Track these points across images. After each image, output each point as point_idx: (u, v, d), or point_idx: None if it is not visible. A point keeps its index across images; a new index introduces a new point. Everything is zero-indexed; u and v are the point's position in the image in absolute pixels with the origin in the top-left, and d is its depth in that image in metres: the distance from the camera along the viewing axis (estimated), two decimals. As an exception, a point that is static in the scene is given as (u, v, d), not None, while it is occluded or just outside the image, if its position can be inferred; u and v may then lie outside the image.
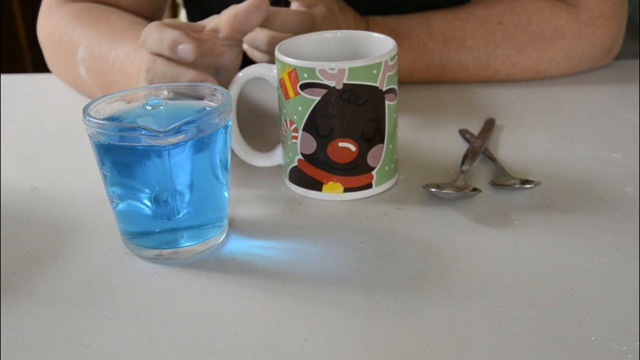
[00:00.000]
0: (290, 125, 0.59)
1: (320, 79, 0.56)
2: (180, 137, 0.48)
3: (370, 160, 0.59)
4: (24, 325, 0.47)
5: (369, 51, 0.63)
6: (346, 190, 0.60)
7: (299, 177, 0.61)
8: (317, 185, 0.60)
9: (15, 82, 0.96)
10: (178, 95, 0.56)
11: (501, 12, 0.82)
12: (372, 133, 0.59)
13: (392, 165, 0.61)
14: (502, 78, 0.84)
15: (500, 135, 0.72)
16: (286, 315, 0.47)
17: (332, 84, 0.56)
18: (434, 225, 0.56)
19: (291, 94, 0.58)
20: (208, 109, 0.54)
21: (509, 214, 0.57)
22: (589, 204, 0.58)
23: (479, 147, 0.67)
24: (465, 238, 0.54)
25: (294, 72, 0.57)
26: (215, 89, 0.54)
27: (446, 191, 0.59)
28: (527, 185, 0.60)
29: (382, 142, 0.59)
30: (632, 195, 0.59)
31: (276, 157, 0.63)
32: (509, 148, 0.69)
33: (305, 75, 0.57)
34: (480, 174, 0.64)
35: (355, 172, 0.59)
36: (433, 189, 0.60)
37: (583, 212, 0.57)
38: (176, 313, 0.47)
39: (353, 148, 0.58)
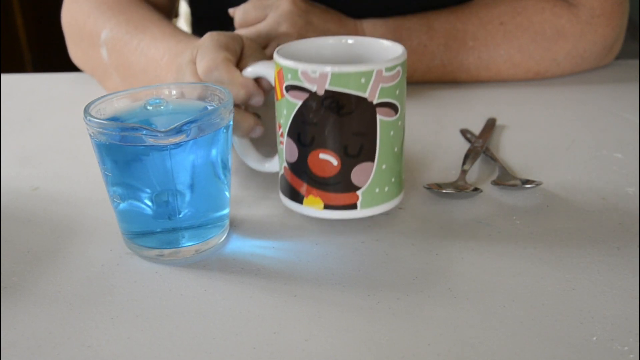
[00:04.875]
0: (279, 129, 0.56)
1: (301, 82, 0.52)
2: (181, 137, 0.48)
3: (354, 179, 0.54)
4: (25, 326, 0.47)
5: (375, 59, 0.58)
6: (327, 207, 0.55)
7: (285, 186, 0.57)
8: (298, 197, 0.56)
9: (15, 82, 0.96)
10: (179, 94, 0.56)
11: (502, 12, 0.82)
12: (357, 148, 0.53)
13: (387, 189, 0.55)
14: (503, 78, 0.84)
15: (502, 135, 0.72)
16: (287, 315, 0.47)
17: (313, 88, 0.52)
18: (435, 225, 0.56)
19: (279, 95, 0.55)
20: (209, 108, 0.53)
21: (510, 213, 0.57)
22: (589, 203, 0.58)
23: (480, 147, 0.67)
24: (466, 238, 0.54)
25: (281, 72, 0.54)
26: (216, 89, 0.54)
27: (447, 191, 0.59)
28: (528, 185, 0.60)
29: (371, 160, 0.54)
30: (633, 195, 0.59)
31: (275, 164, 0.61)
32: (510, 148, 0.69)
33: (289, 76, 0.53)
34: (481, 174, 0.64)
35: (336, 189, 0.54)
36: (434, 189, 0.60)
37: (584, 212, 0.57)
38: (177, 313, 0.47)
39: (335, 162, 0.53)
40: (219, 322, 0.46)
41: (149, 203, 0.51)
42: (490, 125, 0.72)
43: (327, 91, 0.51)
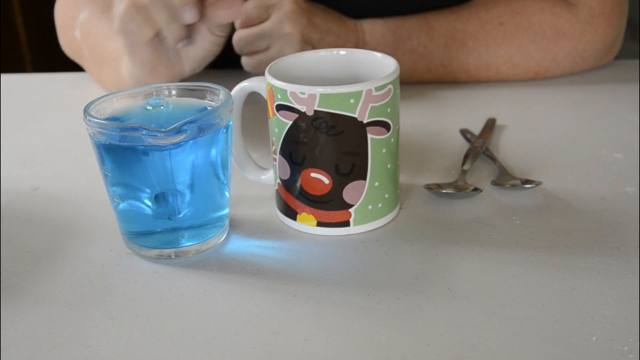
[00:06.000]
0: (272, 146, 0.56)
1: (291, 102, 0.52)
2: (181, 137, 0.48)
3: (347, 197, 0.54)
4: (25, 325, 0.47)
5: (370, 74, 0.57)
6: (320, 224, 0.55)
7: (279, 202, 0.57)
8: (292, 214, 0.56)
9: (15, 82, 0.96)
10: (179, 94, 0.56)
11: (502, 12, 0.82)
12: (348, 167, 0.53)
13: (380, 205, 0.55)
14: (503, 78, 0.84)
15: (501, 135, 0.72)
16: (287, 315, 0.47)
17: (302, 109, 0.52)
18: (435, 225, 0.56)
19: (270, 114, 0.55)
20: (209, 108, 0.53)
21: (510, 213, 0.57)
22: (589, 203, 0.58)
23: (479, 146, 0.67)
24: (466, 238, 0.54)
25: (271, 91, 0.54)
26: (217, 89, 0.54)
27: (447, 191, 0.59)
28: (528, 185, 0.60)
29: (364, 178, 0.54)
30: (632, 195, 0.59)
31: (272, 176, 0.60)
32: (510, 148, 0.69)
33: (279, 96, 0.53)
34: (481, 174, 0.64)
35: (329, 207, 0.54)
36: (434, 189, 0.60)
37: (584, 212, 0.57)
38: (177, 313, 0.47)
39: (326, 181, 0.53)
40: (219, 322, 0.46)
41: (149, 203, 0.51)
42: (490, 125, 0.72)
43: (316, 111, 0.52)
